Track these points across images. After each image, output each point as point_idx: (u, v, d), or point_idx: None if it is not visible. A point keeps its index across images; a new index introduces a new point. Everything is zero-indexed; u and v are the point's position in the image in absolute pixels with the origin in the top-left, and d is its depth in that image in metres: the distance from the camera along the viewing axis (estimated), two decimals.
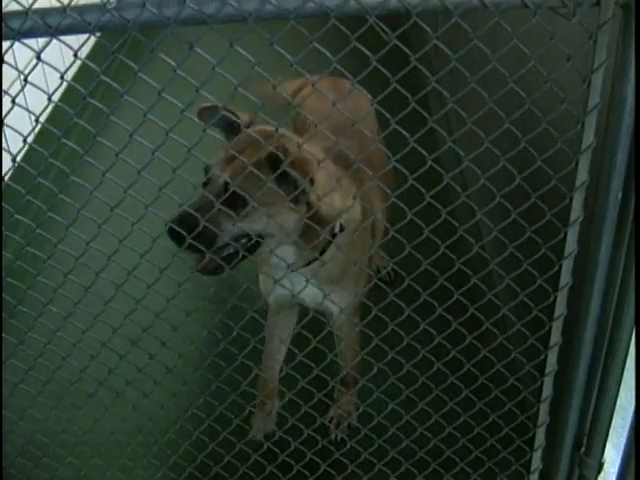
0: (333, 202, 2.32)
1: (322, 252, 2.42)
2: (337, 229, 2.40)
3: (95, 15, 1.59)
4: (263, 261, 2.46)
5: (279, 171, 2.01)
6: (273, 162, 2.10)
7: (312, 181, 2.19)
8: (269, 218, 2.18)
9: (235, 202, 2.13)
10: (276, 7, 1.56)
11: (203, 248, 2.12)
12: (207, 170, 2.24)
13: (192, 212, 2.08)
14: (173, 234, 2.09)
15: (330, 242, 2.39)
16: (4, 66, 1.69)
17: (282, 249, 2.31)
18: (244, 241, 2.25)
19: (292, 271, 2.40)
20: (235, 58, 1.62)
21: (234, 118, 2.29)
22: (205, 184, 2.25)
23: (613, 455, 2.24)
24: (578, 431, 2.17)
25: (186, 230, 2.04)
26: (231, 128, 2.28)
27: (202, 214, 2.06)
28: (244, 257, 2.22)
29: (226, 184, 2.15)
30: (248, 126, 2.28)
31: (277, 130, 2.00)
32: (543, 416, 2.26)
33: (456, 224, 1.98)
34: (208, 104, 2.10)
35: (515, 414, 2.33)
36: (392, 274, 3.49)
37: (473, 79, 1.71)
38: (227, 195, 2.07)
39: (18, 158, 1.90)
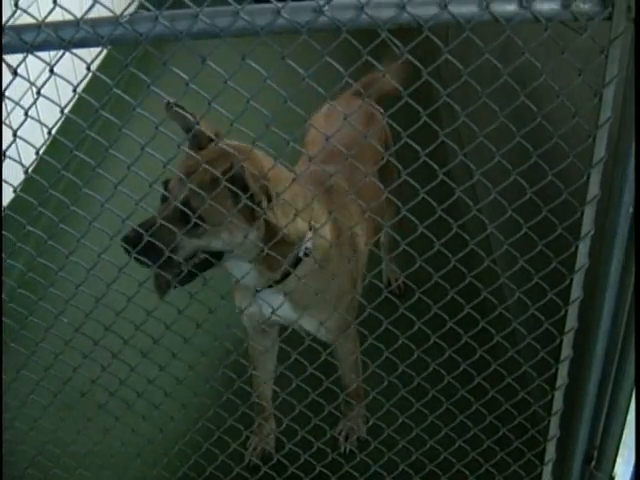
0: (297, 224, 2.28)
1: (287, 275, 2.39)
2: (301, 253, 2.37)
3: (108, 29, 1.60)
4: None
5: (219, 188, 1.98)
6: (230, 180, 2.07)
7: (269, 199, 2.16)
8: (226, 235, 2.17)
9: (189, 218, 2.07)
10: (288, 21, 1.57)
11: (150, 262, 2.10)
12: (166, 185, 2.20)
13: (150, 227, 2.05)
14: (130, 243, 2.07)
15: (295, 265, 2.37)
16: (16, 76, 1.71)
17: (241, 268, 2.29)
18: (202, 256, 2.22)
19: (257, 291, 2.42)
20: (247, 72, 1.63)
21: (196, 127, 2.16)
22: (163, 199, 2.21)
23: (623, 469, 2.23)
24: (589, 445, 2.16)
25: (142, 244, 2.04)
26: (198, 142, 2.22)
27: (159, 230, 2.06)
28: (205, 268, 2.22)
29: (184, 201, 2.11)
30: (211, 141, 2.22)
31: (233, 147, 2.01)
32: (554, 430, 2.25)
33: (467, 237, 1.98)
34: (176, 102, 2.06)
35: (525, 428, 2.32)
36: (403, 287, 3.49)
37: (485, 93, 1.71)
38: (184, 212, 2.06)
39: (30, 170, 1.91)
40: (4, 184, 1.90)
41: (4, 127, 1.86)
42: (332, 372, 2.29)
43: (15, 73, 1.70)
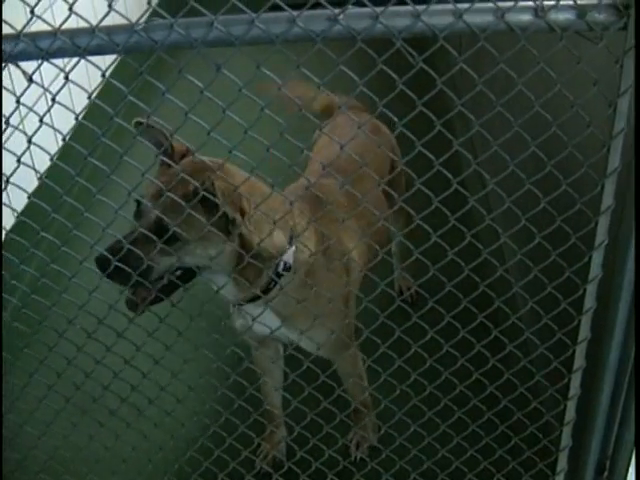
0: (275, 239, 2.26)
1: (268, 290, 2.38)
2: (280, 268, 2.37)
3: (123, 36, 1.61)
4: None
5: (194, 202, 2.03)
6: (202, 196, 2.09)
7: (242, 213, 2.15)
8: (201, 251, 2.16)
9: (163, 235, 2.10)
10: (303, 29, 1.57)
11: (124, 283, 2.10)
12: (139, 202, 2.19)
13: (124, 244, 2.05)
14: (102, 264, 2.07)
15: (275, 280, 2.37)
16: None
17: (219, 281, 2.28)
18: (178, 273, 2.22)
19: (239, 305, 2.41)
20: (262, 80, 1.63)
21: (166, 144, 2.17)
22: (137, 215, 2.20)
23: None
24: (601, 455, 2.16)
25: (117, 261, 2.04)
26: (170, 158, 2.18)
27: (135, 247, 2.06)
28: (179, 286, 2.21)
29: (157, 218, 2.11)
30: (183, 157, 2.22)
31: (205, 162, 2.02)
32: (566, 440, 2.24)
33: (480, 247, 1.98)
34: (146, 120, 2.06)
35: (537, 437, 2.32)
36: (415, 295, 3.48)
37: (499, 102, 1.71)
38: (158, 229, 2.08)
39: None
40: (16, 189, 1.90)
41: (18, 134, 1.87)
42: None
43: (30, 80, 1.71)
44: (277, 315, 2.40)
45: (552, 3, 1.58)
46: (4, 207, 1.96)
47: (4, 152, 1.84)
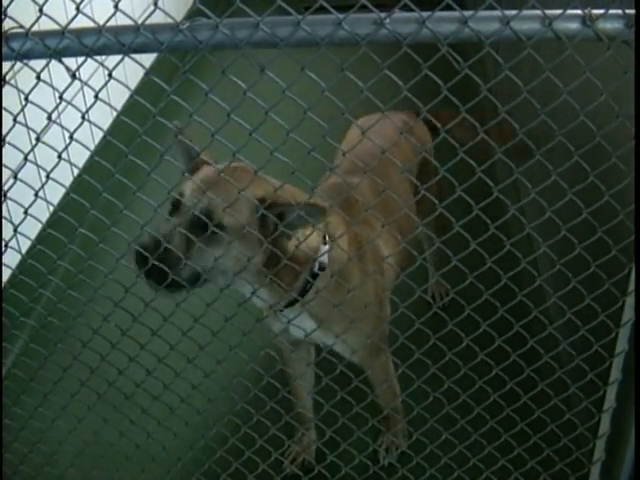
0: (308, 241, 2.20)
1: (305, 292, 2.37)
2: (316, 268, 2.35)
3: (168, 35, 1.61)
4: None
5: (259, 212, 2.09)
6: (259, 200, 2.11)
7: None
8: (239, 251, 2.14)
9: (203, 233, 2.09)
10: (349, 33, 1.57)
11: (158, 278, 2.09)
12: (176, 198, 2.18)
13: (162, 242, 2.05)
14: (140, 260, 2.06)
15: (310, 282, 2.36)
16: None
17: (244, 285, 2.25)
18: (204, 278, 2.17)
19: (280, 311, 2.40)
20: (306, 83, 1.63)
21: (193, 152, 2.23)
22: (172, 213, 2.18)
23: None
24: (634, 469, 2.13)
25: (155, 258, 2.03)
26: (196, 167, 2.24)
27: (173, 242, 2.07)
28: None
29: (205, 210, 2.10)
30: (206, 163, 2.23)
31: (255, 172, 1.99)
32: (599, 453, 2.22)
33: (519, 255, 1.97)
34: (176, 133, 2.10)
35: (570, 449, 2.30)
36: (446, 302, 3.43)
37: (543, 111, 1.70)
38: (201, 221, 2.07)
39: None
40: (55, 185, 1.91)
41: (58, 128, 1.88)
42: None
43: (74, 76, 1.71)
44: (313, 318, 2.39)
45: (601, 12, 1.57)
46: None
47: (44, 146, 1.84)
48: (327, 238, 2.37)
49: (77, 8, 1.63)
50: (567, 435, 2.29)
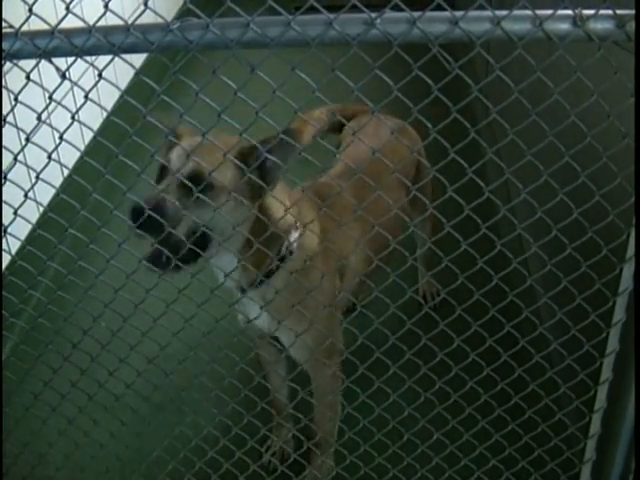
0: (287, 216, 2.22)
1: (269, 275, 2.38)
2: (284, 248, 2.36)
3: (158, 35, 1.60)
4: None
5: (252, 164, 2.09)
6: (245, 156, 2.13)
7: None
8: (229, 211, 2.14)
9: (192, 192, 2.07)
10: (339, 33, 1.56)
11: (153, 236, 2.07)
12: (164, 164, 2.19)
13: (156, 200, 2.06)
14: (136, 215, 2.03)
15: (278, 265, 2.36)
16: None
17: (224, 259, 2.26)
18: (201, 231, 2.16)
19: (242, 293, 2.40)
20: (296, 83, 1.63)
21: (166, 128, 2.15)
22: (161, 174, 2.20)
23: None
24: (624, 469, 2.14)
25: (154, 211, 2.02)
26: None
27: (165, 201, 2.07)
28: (197, 256, 2.19)
29: (193, 169, 2.12)
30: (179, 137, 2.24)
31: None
32: (590, 453, 2.22)
33: (510, 255, 1.97)
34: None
35: (561, 449, 2.30)
36: (437, 301, 3.45)
37: (534, 112, 1.70)
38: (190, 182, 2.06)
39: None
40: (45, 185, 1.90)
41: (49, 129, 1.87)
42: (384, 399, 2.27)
43: (64, 76, 1.71)
44: (268, 307, 2.33)
45: (591, 12, 1.57)
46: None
47: (34, 147, 1.84)
48: (298, 224, 2.38)
49: (67, 8, 1.62)
50: (558, 435, 2.29)
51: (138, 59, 4.79)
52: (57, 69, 1.69)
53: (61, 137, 1.79)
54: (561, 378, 2.23)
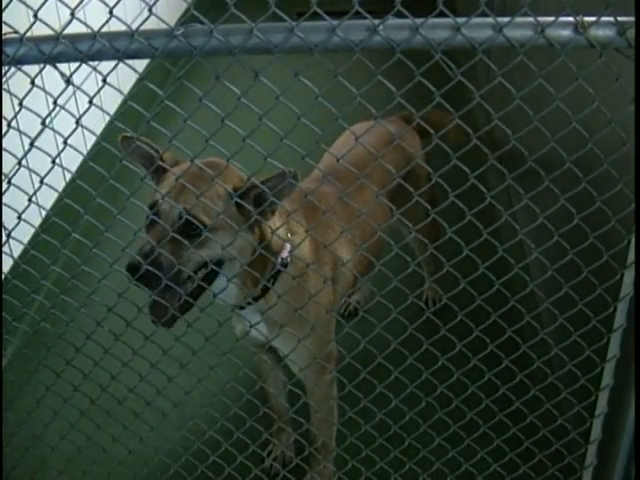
0: (280, 232, 2.26)
1: (266, 291, 2.38)
2: (279, 261, 2.37)
3: (162, 41, 1.61)
4: None
5: (239, 192, 2.06)
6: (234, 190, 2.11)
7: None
8: (226, 240, 2.12)
9: (189, 232, 2.11)
10: (342, 39, 1.57)
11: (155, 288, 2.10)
12: (151, 208, 2.18)
13: (154, 247, 2.06)
14: (133, 269, 2.05)
15: (274, 280, 2.36)
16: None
17: (221, 284, 2.21)
18: (202, 273, 2.20)
19: (241, 308, 2.41)
20: (299, 89, 1.63)
21: (154, 153, 2.18)
22: (149, 226, 2.18)
23: None
24: (625, 474, 2.14)
25: (151, 265, 2.04)
26: (156, 169, 2.20)
27: (162, 248, 2.06)
28: (204, 289, 2.21)
29: (181, 214, 2.12)
30: (173, 165, 2.21)
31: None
32: (590, 458, 2.22)
33: (512, 261, 1.98)
34: (129, 134, 2.08)
35: (562, 454, 2.30)
36: (439, 306, 3.47)
37: (536, 117, 1.70)
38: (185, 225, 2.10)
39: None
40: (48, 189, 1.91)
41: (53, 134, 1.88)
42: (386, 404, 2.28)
43: (68, 82, 1.71)
44: (266, 319, 2.37)
45: (592, 19, 1.57)
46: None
47: (37, 151, 1.84)
48: (290, 236, 2.39)
49: (72, 14, 1.63)
50: (559, 440, 2.30)
51: (141, 64, 4.80)
52: (62, 74, 1.69)
53: (65, 142, 1.80)
54: (562, 383, 2.24)
